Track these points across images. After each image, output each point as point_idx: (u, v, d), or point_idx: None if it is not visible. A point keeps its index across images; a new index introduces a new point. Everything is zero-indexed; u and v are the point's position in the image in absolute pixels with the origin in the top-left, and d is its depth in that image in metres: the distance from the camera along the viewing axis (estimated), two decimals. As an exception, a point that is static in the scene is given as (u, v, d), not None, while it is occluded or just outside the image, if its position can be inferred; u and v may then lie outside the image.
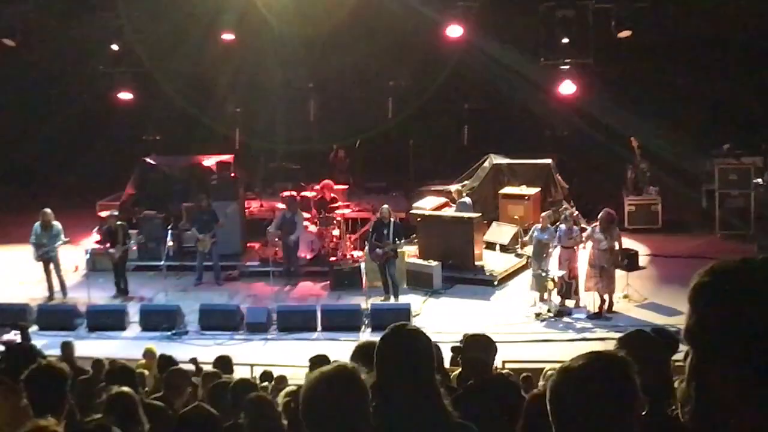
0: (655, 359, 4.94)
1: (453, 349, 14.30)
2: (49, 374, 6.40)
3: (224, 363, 14.62)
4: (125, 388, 7.39)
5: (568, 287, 20.90)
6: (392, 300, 21.68)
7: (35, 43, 29.17)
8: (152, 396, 10.05)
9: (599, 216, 20.80)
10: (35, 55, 30.06)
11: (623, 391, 3.34)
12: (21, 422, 6.25)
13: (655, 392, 4.02)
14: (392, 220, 22.08)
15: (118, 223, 23.18)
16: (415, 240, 23.69)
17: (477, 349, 8.10)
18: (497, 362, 16.74)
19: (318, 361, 14.38)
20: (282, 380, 13.96)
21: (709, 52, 28.93)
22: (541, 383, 13.07)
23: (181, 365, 13.31)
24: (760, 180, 26.04)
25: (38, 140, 31.11)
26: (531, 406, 6.66)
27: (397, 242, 21.92)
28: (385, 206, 22.50)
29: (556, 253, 21.02)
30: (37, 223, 22.66)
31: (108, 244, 22.99)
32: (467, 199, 24.57)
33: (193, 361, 16.23)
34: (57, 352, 16.09)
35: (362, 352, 6.02)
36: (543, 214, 21.74)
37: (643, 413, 3.40)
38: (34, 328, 20.43)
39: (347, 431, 4.20)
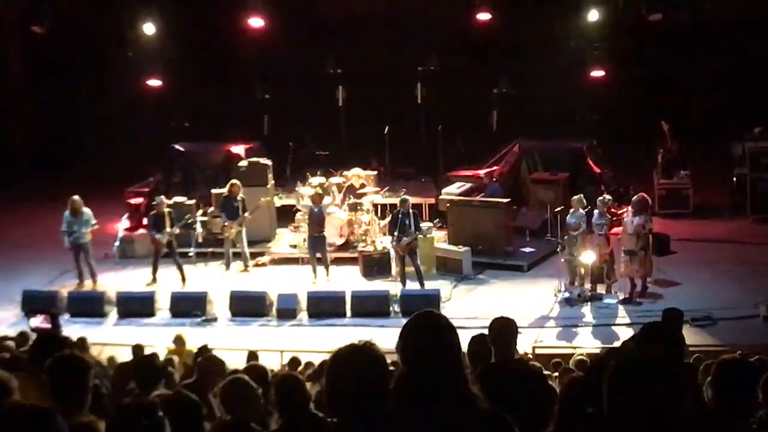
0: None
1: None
2: (71, 364, 6.34)
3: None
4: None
5: (599, 272, 20.80)
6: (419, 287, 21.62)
7: (64, 31, 29.23)
8: (184, 382, 10.03)
9: (633, 200, 20.69)
10: (64, 43, 30.15)
11: (679, 383, 3.38)
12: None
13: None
14: (411, 210, 22.01)
15: (167, 209, 23.14)
16: (438, 224, 23.58)
17: (500, 332, 8.10)
18: (528, 348, 16.80)
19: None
20: (309, 366, 13.96)
21: (740, 34, 28.76)
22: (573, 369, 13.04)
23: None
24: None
25: (67, 128, 31.24)
26: (568, 391, 6.60)
27: (421, 231, 22.00)
28: (408, 197, 22.45)
29: (587, 238, 20.91)
30: (67, 212, 22.65)
31: (155, 231, 22.92)
32: (497, 185, 24.49)
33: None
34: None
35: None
36: (573, 198, 21.59)
37: None
38: (64, 316, 20.51)
39: (368, 405, 4.28)
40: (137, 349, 15.57)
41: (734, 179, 26.70)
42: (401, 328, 4.67)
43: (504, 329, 8.13)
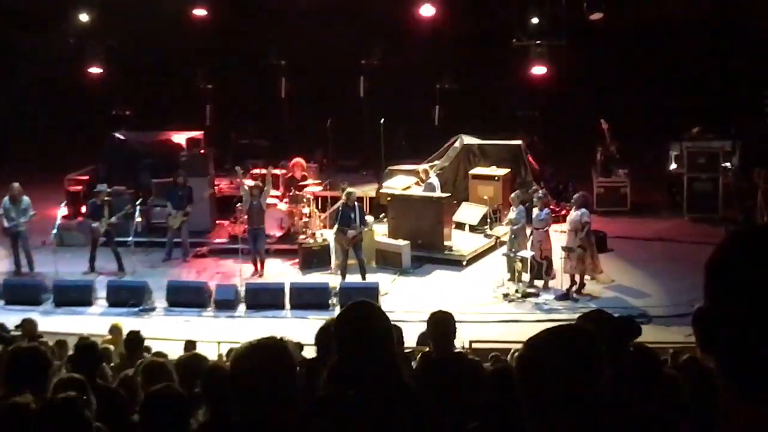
0: (612, 338, 4.94)
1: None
2: (31, 358, 6.31)
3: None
4: (75, 375, 7.15)
5: (537, 268, 20.96)
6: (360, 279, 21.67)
7: (3, 15, 28.90)
8: (122, 375, 9.94)
9: (574, 197, 20.93)
10: (4, 28, 29.83)
11: (589, 360, 3.34)
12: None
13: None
14: (356, 204, 22.06)
15: (106, 198, 22.99)
16: (384, 218, 23.70)
17: (440, 325, 8.16)
18: (465, 342, 16.85)
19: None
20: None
21: (680, 36, 29.06)
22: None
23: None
24: (728, 164, 26.17)
25: (5, 113, 30.90)
26: (493, 381, 6.68)
27: (366, 225, 22.05)
28: (353, 190, 22.45)
29: (526, 233, 21.06)
30: (6, 198, 22.49)
31: (92, 219, 22.77)
32: (434, 180, 24.52)
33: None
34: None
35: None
36: (512, 195, 21.75)
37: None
38: None
39: (273, 399, 4.29)
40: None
41: (671, 179, 27.03)
42: (336, 316, 4.74)
43: (442, 323, 8.19)
